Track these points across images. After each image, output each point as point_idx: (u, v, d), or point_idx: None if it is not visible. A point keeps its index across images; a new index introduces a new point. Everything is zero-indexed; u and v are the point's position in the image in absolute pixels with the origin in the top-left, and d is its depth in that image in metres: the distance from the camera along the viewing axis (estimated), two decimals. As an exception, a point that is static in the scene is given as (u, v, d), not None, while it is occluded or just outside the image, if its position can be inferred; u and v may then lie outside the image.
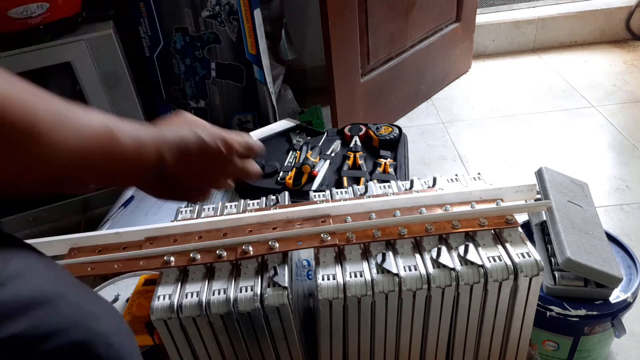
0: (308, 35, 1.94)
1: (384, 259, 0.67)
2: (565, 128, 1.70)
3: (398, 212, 0.72)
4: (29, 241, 0.68)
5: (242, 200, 0.82)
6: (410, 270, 0.66)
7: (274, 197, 0.83)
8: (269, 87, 1.46)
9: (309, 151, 1.29)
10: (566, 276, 0.83)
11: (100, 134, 0.42)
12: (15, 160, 0.36)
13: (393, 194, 0.79)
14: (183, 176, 0.50)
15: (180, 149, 0.49)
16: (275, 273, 0.66)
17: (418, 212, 0.72)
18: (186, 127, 0.51)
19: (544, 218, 0.92)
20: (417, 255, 0.68)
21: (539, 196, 0.81)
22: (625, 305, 0.84)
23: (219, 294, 0.65)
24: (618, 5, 2.13)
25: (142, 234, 0.73)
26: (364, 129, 1.35)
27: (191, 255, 0.68)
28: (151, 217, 1.17)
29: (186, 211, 0.82)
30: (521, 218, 0.84)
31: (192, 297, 0.65)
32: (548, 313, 0.84)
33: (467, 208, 0.73)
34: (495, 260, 0.66)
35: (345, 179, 1.19)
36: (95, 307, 0.41)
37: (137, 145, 0.45)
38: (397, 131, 1.33)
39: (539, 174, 0.97)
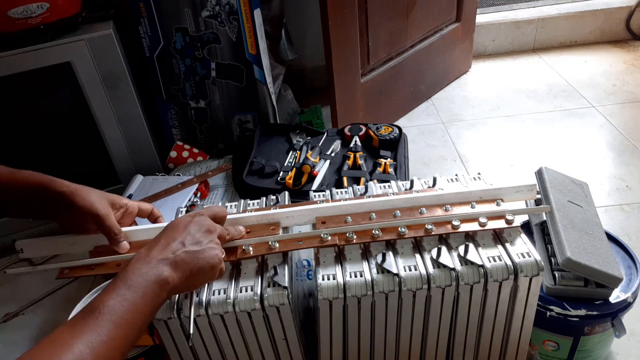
0: (308, 35, 1.94)
1: (384, 259, 0.67)
2: (565, 128, 1.70)
3: (398, 212, 0.72)
4: (35, 239, 0.69)
5: (242, 200, 0.82)
6: (410, 270, 0.66)
7: (274, 197, 0.83)
8: (269, 87, 1.46)
9: (309, 151, 1.29)
10: (566, 276, 0.83)
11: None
12: None
13: (393, 194, 0.79)
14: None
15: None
16: (276, 273, 0.66)
17: (418, 212, 0.72)
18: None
19: (544, 218, 0.92)
20: (417, 255, 0.68)
21: (539, 196, 0.81)
22: (625, 305, 0.84)
23: (219, 294, 0.65)
24: (618, 5, 2.13)
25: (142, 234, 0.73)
26: (364, 129, 1.35)
27: (191, 255, 0.68)
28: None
29: (186, 211, 0.82)
30: (521, 218, 0.84)
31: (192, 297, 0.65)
32: (548, 313, 0.84)
33: (467, 208, 0.73)
34: (495, 260, 0.66)
35: (345, 179, 1.19)
36: None
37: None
38: (397, 131, 1.33)
39: (539, 174, 0.97)
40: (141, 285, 0.53)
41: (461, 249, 0.68)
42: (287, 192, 0.84)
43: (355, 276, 0.66)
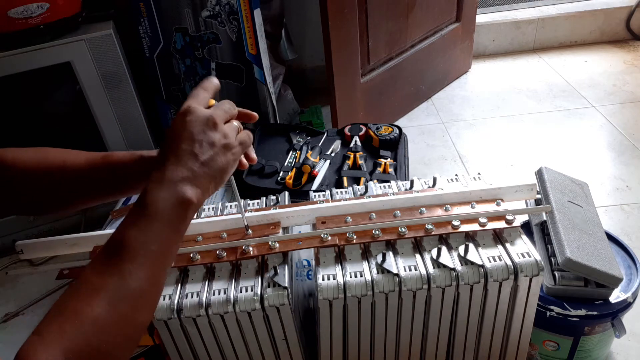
0: (308, 35, 1.94)
1: (384, 259, 0.67)
2: (565, 128, 1.70)
3: (398, 212, 0.72)
4: (35, 240, 0.68)
5: (242, 200, 0.82)
6: (410, 270, 0.66)
7: (274, 197, 0.83)
8: (269, 87, 1.46)
9: (309, 151, 1.29)
10: (566, 276, 0.83)
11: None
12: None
13: (393, 194, 0.79)
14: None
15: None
16: (276, 273, 0.66)
17: (418, 212, 0.72)
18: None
19: (544, 218, 0.92)
20: (417, 255, 0.68)
21: (539, 196, 0.81)
22: (625, 305, 0.84)
23: (219, 294, 0.65)
24: (618, 5, 2.13)
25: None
26: (364, 129, 1.35)
27: (191, 255, 0.68)
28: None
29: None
30: (521, 218, 0.84)
31: (192, 297, 0.65)
32: (548, 313, 0.84)
33: (467, 208, 0.73)
34: (495, 260, 0.66)
35: (345, 179, 1.19)
36: None
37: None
38: (397, 131, 1.33)
39: (539, 174, 0.97)
40: (164, 212, 0.49)
41: (461, 249, 0.68)
42: (287, 192, 0.84)
43: (355, 276, 0.66)
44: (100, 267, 0.46)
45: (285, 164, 1.26)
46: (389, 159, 1.24)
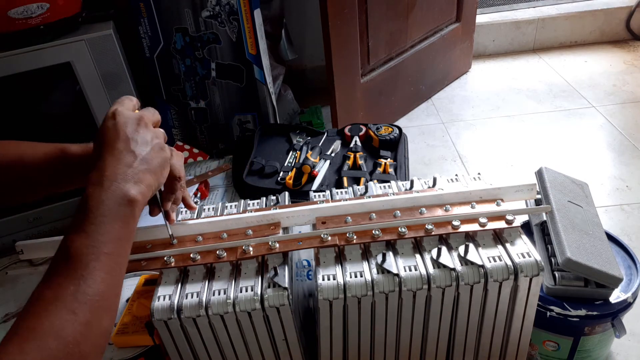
0: (308, 35, 1.94)
1: (384, 259, 0.67)
2: (565, 128, 1.70)
3: (398, 212, 0.72)
4: (35, 240, 0.68)
5: (242, 201, 0.82)
6: (410, 270, 0.66)
7: (274, 197, 0.83)
8: (269, 87, 1.46)
9: (309, 151, 1.29)
10: (566, 276, 0.83)
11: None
12: None
13: (393, 194, 0.79)
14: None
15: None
16: (276, 274, 0.66)
17: (418, 212, 0.72)
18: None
19: (544, 218, 0.92)
20: (417, 256, 0.68)
21: (539, 196, 0.81)
22: (625, 306, 0.84)
23: (219, 294, 0.65)
24: (618, 5, 2.13)
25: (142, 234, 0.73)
26: (364, 129, 1.35)
27: (191, 255, 0.68)
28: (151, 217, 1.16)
29: (186, 211, 0.82)
30: (521, 218, 0.84)
31: (192, 297, 0.65)
32: (548, 313, 0.84)
33: (467, 208, 0.72)
34: (495, 261, 0.66)
35: (345, 179, 1.19)
36: None
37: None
38: (397, 131, 1.33)
39: (539, 174, 0.97)
40: (109, 212, 0.48)
41: (461, 249, 0.68)
42: (287, 192, 0.84)
43: (356, 276, 0.66)
44: (53, 280, 0.44)
45: (285, 164, 1.26)
46: (389, 159, 1.24)
